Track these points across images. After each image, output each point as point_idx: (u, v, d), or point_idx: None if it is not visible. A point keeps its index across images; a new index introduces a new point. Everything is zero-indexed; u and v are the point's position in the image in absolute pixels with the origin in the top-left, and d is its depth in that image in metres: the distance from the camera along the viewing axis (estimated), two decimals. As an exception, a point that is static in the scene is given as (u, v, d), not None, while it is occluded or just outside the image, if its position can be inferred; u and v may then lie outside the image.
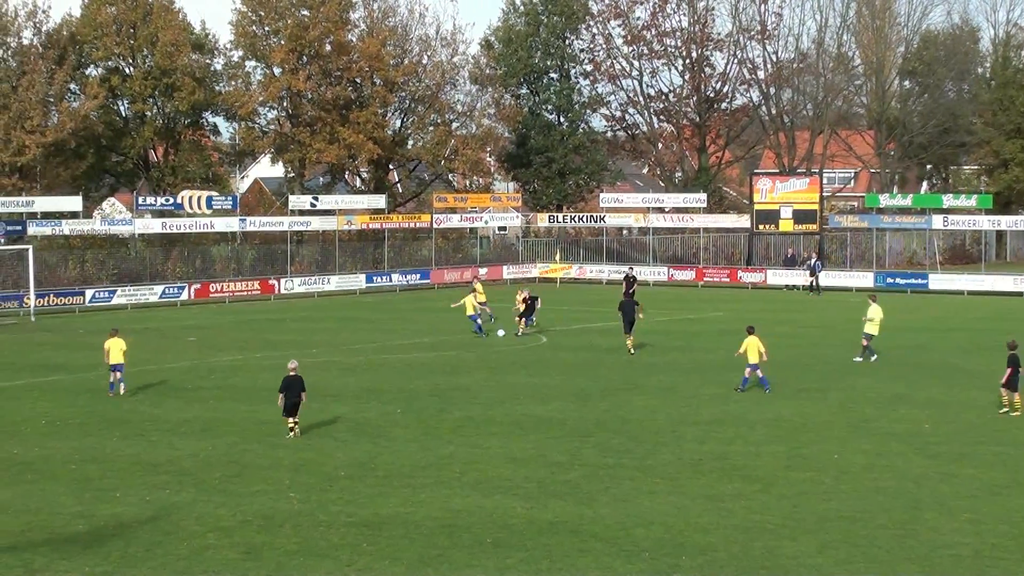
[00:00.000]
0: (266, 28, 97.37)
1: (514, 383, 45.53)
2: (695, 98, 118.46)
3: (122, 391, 43.40)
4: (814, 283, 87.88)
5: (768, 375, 43.20)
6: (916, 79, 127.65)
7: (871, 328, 50.43)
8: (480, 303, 61.75)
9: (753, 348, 43.02)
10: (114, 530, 26.13)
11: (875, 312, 50.49)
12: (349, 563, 23.77)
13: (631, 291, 69.10)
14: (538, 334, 59.72)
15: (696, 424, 37.18)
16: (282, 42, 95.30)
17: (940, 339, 59.08)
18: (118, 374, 43.53)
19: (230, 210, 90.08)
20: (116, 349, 43.37)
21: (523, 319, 60.45)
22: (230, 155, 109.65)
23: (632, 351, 53.47)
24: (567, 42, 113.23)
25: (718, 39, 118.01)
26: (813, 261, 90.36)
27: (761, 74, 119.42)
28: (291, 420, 35.69)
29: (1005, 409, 38.86)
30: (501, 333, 60.16)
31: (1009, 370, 39.00)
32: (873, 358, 50.22)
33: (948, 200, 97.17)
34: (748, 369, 43.16)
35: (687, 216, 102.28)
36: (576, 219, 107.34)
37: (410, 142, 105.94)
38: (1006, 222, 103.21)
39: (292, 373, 35.76)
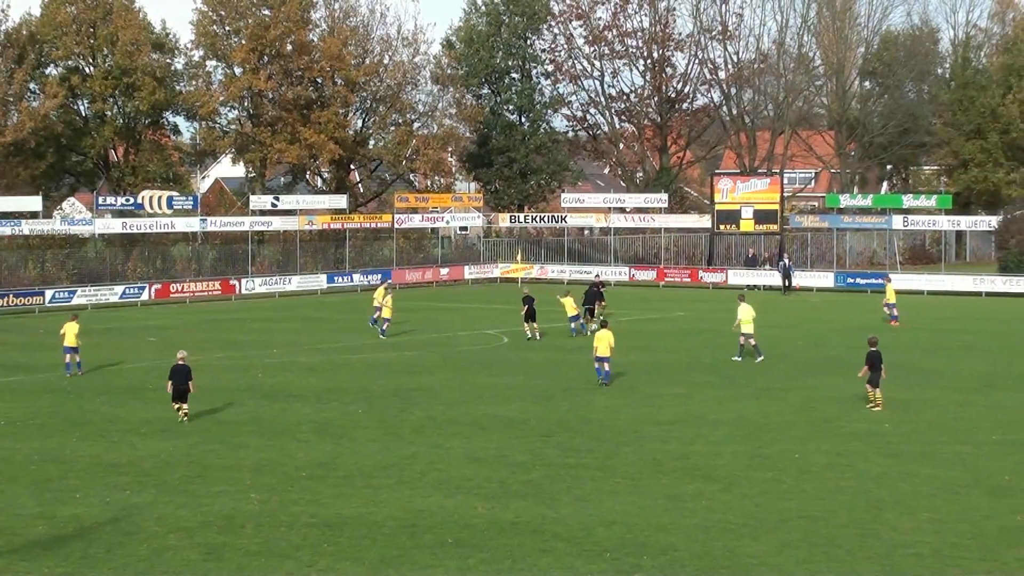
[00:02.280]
0: (227, 28, 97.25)
1: (476, 383, 45.54)
2: (656, 98, 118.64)
3: (79, 372, 47.57)
4: (787, 283, 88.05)
5: (725, 374, 43.25)
6: (876, 80, 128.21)
7: (747, 328, 50.75)
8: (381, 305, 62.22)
9: (604, 342, 44.35)
10: (74, 531, 26.02)
11: (745, 312, 50.89)
12: (310, 563, 23.71)
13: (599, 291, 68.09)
14: (500, 334, 59.60)
15: (658, 424, 37.25)
16: (243, 42, 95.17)
17: (900, 339, 59.21)
18: (75, 356, 47.80)
19: (191, 210, 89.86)
20: (71, 333, 47.46)
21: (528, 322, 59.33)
22: (191, 155, 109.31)
23: (587, 332, 57.54)
24: (528, 42, 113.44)
25: (679, 39, 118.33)
26: (786, 263, 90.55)
27: (722, 74, 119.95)
28: (176, 405, 37.92)
29: (874, 405, 39.60)
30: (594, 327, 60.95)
31: (866, 366, 39.64)
32: (757, 358, 50.70)
33: (908, 200, 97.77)
34: (596, 361, 44.60)
35: (648, 216, 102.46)
36: (538, 219, 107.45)
37: (371, 142, 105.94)
38: (965, 222, 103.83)
39: (180, 362, 38.19)
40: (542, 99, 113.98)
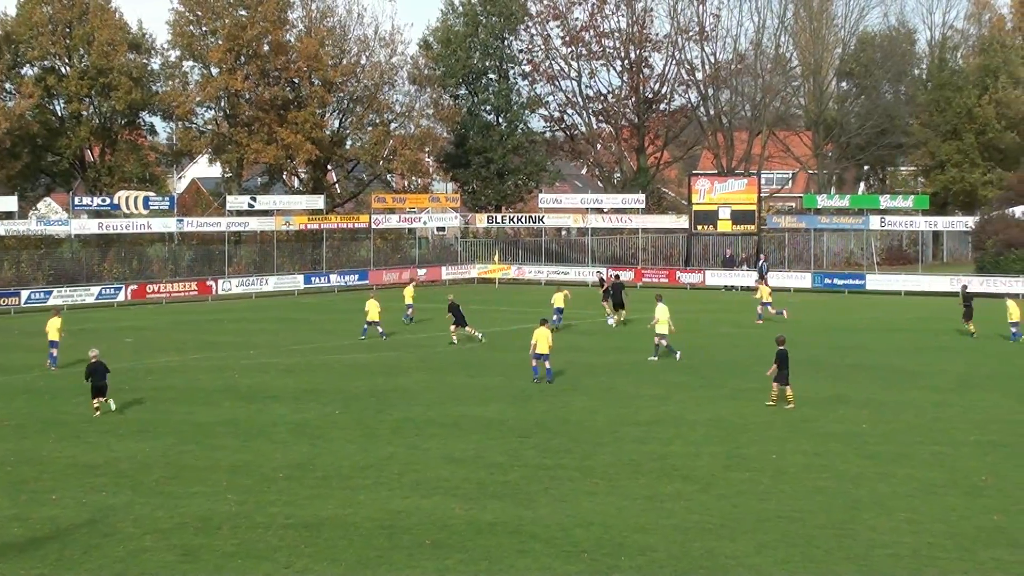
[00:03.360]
0: (203, 28, 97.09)
1: (454, 384, 45.48)
2: (634, 99, 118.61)
3: (53, 367, 49.17)
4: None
5: (703, 375, 43.26)
6: (853, 80, 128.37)
7: (661, 328, 51.03)
8: (407, 304, 62.78)
9: (543, 339, 44.87)
10: (50, 533, 25.91)
11: (661, 312, 51.29)
12: (287, 565, 23.66)
13: (617, 282, 68.96)
14: (477, 335, 59.41)
15: (636, 425, 37.21)
16: (220, 42, 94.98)
17: (878, 339, 59.39)
18: (53, 351, 49.53)
19: (167, 210, 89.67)
20: (53, 327, 49.61)
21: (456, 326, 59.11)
22: (167, 155, 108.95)
23: (624, 323, 63.12)
24: (506, 43, 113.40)
25: (656, 40, 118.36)
26: (761, 262, 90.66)
27: (699, 75, 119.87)
28: (97, 401, 39.15)
29: (772, 403, 40.05)
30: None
31: (774, 365, 40.09)
32: (677, 355, 51.18)
33: (885, 201, 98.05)
34: (534, 359, 45.30)
35: (626, 217, 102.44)
36: (515, 220, 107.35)
37: (348, 142, 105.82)
38: (942, 223, 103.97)
39: (94, 360, 39.48)
40: (519, 99, 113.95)
